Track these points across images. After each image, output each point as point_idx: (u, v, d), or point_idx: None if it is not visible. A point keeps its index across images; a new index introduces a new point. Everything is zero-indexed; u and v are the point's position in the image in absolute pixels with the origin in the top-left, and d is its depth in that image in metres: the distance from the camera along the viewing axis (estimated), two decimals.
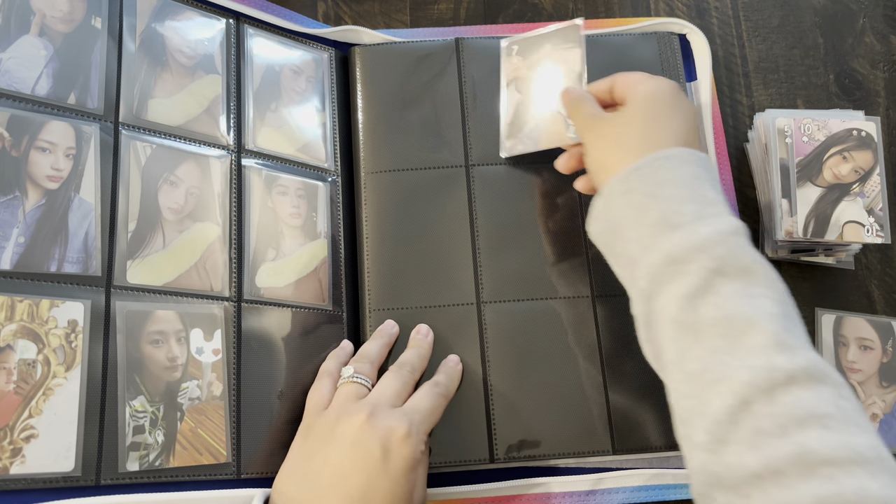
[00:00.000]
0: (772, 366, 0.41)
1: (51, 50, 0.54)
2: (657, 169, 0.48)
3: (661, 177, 0.48)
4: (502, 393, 0.57)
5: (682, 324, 0.44)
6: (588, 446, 0.56)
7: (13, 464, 0.46)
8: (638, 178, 0.49)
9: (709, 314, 0.44)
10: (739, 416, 0.41)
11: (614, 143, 0.52)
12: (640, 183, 0.48)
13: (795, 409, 0.40)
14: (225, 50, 0.62)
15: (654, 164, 0.48)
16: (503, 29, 0.71)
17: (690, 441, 0.43)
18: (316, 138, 0.64)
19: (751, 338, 0.42)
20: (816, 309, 0.65)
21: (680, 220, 0.46)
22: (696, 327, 0.44)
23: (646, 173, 0.48)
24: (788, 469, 0.38)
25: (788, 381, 0.40)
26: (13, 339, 0.48)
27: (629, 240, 0.48)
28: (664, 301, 0.46)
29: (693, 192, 0.47)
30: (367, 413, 0.49)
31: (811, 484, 0.37)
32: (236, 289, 0.56)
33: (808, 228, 0.61)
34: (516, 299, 0.60)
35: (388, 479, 0.47)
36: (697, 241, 0.45)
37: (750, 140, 0.69)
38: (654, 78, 0.55)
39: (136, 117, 0.56)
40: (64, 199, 0.52)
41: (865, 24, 0.74)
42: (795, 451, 0.38)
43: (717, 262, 0.44)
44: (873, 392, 0.63)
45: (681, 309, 0.44)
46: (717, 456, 0.41)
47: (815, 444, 0.38)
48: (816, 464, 0.38)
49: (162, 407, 0.51)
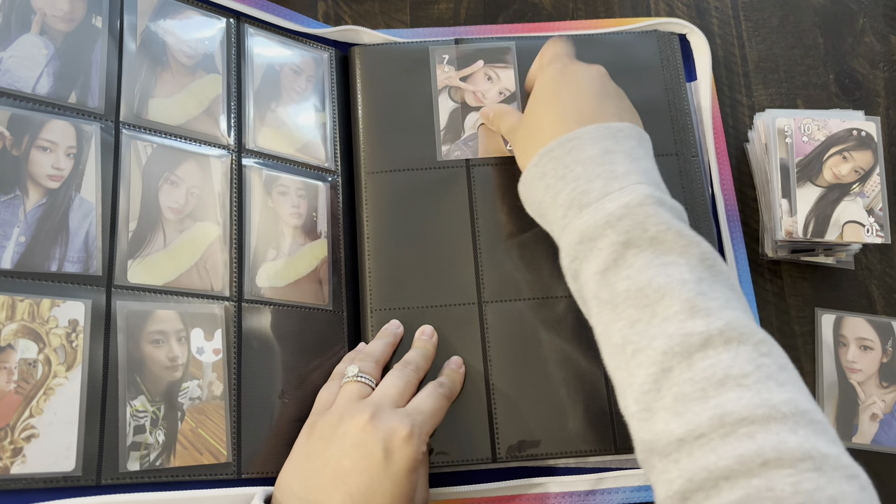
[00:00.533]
0: (686, 331, 0.42)
1: (51, 49, 0.54)
2: (569, 150, 0.49)
3: (572, 157, 0.49)
4: (504, 392, 0.57)
5: (600, 299, 0.46)
6: (590, 445, 0.56)
7: (14, 463, 0.46)
8: (550, 160, 0.50)
9: (623, 287, 0.45)
10: (661, 383, 0.42)
11: (528, 135, 0.54)
12: (552, 166, 0.49)
13: (713, 372, 0.40)
14: (225, 49, 0.62)
15: (566, 146, 0.49)
16: (503, 29, 0.71)
17: (626, 412, 0.44)
18: (316, 138, 0.64)
19: (664, 306, 0.43)
20: (816, 309, 0.65)
21: (588, 199, 0.47)
22: (613, 301, 0.45)
23: (557, 155, 0.49)
24: (710, 432, 0.39)
25: (704, 345, 0.41)
26: (14, 339, 0.48)
27: (549, 223, 0.50)
28: (584, 278, 0.47)
29: (602, 167, 0.48)
30: (370, 413, 0.49)
31: (731, 444, 0.38)
32: (237, 288, 0.56)
33: (809, 228, 0.61)
34: (518, 299, 0.60)
35: (389, 480, 0.47)
36: (604, 216, 0.46)
37: (750, 140, 0.69)
38: (550, 63, 0.57)
39: (137, 117, 0.56)
40: (65, 199, 0.52)
41: (865, 24, 0.74)
42: (715, 414, 0.39)
43: (625, 236, 0.45)
44: (873, 392, 0.63)
45: (598, 285, 0.46)
46: (648, 424, 0.42)
47: (734, 405, 0.39)
48: (735, 423, 0.38)
49: (162, 407, 0.51)
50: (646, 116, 0.65)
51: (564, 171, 0.48)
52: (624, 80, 0.66)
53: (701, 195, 0.63)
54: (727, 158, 0.68)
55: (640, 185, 0.47)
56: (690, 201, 0.63)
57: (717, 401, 0.39)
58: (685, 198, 0.63)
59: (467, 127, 0.64)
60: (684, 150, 0.64)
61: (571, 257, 0.47)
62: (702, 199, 0.63)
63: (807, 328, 0.65)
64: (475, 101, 0.65)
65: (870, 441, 0.62)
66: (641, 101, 0.66)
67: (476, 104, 0.65)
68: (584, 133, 0.49)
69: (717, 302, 0.43)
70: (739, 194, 0.68)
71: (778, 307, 0.65)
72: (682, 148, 0.64)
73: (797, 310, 0.65)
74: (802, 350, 0.64)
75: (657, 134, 0.64)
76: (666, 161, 0.63)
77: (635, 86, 0.65)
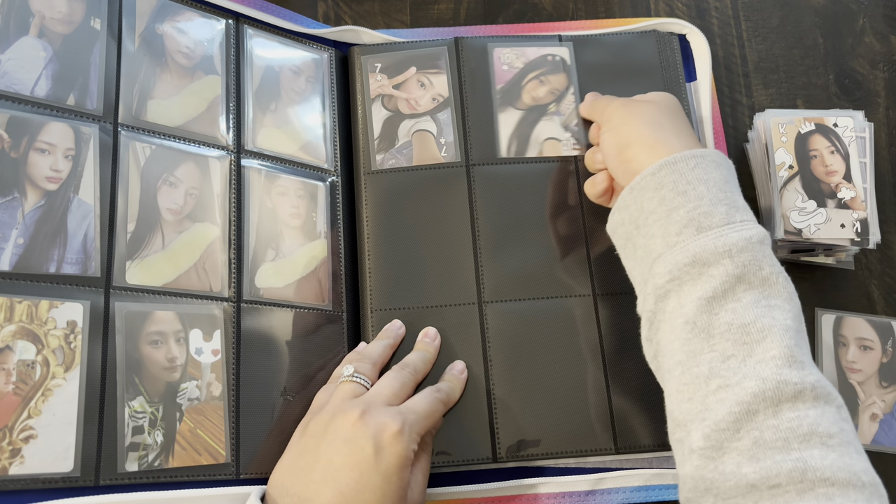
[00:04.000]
0: (782, 379, 0.41)
1: (50, 51, 0.54)
2: (693, 167, 0.48)
3: (695, 175, 0.48)
4: (504, 392, 0.57)
5: (696, 325, 0.44)
6: (590, 445, 0.56)
7: (12, 464, 0.46)
8: (671, 172, 0.49)
9: (725, 319, 0.44)
10: (742, 425, 0.41)
11: (638, 143, 0.53)
12: (672, 178, 0.48)
13: (799, 425, 0.40)
14: (224, 50, 0.62)
15: (689, 161, 0.49)
16: (503, 29, 0.71)
17: (685, 445, 0.43)
18: (316, 138, 0.64)
19: (764, 348, 0.42)
20: (816, 309, 0.65)
21: (709, 222, 0.46)
22: (710, 331, 0.44)
23: (679, 169, 0.48)
24: (787, 484, 0.38)
25: (795, 397, 0.41)
26: (12, 340, 0.48)
27: (653, 235, 0.48)
28: (681, 301, 0.46)
29: (724, 194, 0.47)
30: (361, 410, 0.49)
31: (807, 501, 0.38)
32: (235, 289, 0.56)
33: (511, 148, 0.64)
34: (518, 299, 0.60)
35: (379, 476, 0.47)
36: (724, 245, 0.45)
37: (750, 140, 0.68)
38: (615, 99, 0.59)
39: (136, 118, 0.56)
40: (63, 200, 0.52)
41: (865, 24, 0.74)
42: (797, 467, 0.38)
43: (741, 269, 0.44)
44: (873, 392, 0.63)
45: (699, 310, 0.45)
46: (714, 463, 0.41)
47: (817, 462, 0.38)
48: (816, 482, 0.38)
49: (161, 407, 0.51)
50: None
51: (687, 187, 0.48)
52: (624, 81, 0.66)
53: None
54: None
55: (756, 223, 0.47)
56: None
57: (801, 454, 0.39)
58: None
59: (401, 135, 0.64)
60: None
61: (672, 276, 0.46)
62: None
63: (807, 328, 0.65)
64: (408, 108, 0.65)
65: (870, 441, 0.61)
66: None
67: (409, 112, 0.65)
68: (709, 154, 0.49)
69: (808, 357, 0.43)
70: None
71: None
72: None
73: None
74: None
75: None
76: None
77: (635, 87, 0.65)
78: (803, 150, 0.63)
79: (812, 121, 0.64)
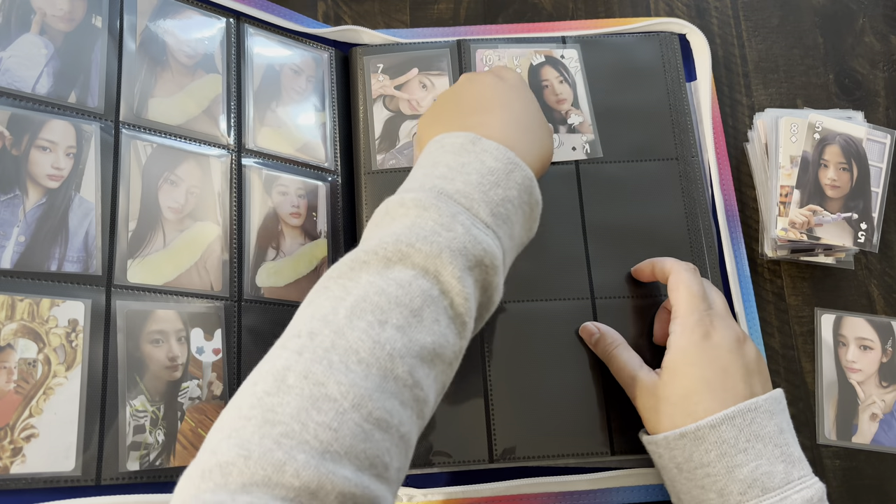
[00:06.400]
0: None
1: (51, 49, 0.54)
2: (750, 422, 0.49)
3: (752, 431, 0.49)
4: (502, 393, 0.57)
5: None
6: (586, 447, 0.56)
7: (13, 463, 0.46)
8: (730, 427, 0.49)
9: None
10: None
11: (694, 387, 0.51)
12: (732, 434, 0.49)
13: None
14: (225, 49, 0.62)
15: (747, 416, 0.49)
16: (503, 29, 0.71)
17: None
18: (316, 138, 0.64)
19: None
20: (816, 309, 0.65)
21: (772, 483, 0.48)
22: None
23: (738, 424, 0.49)
24: None
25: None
26: (13, 339, 0.48)
27: (709, 489, 0.49)
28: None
29: (779, 448, 0.49)
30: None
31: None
32: (237, 288, 0.56)
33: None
34: (516, 300, 0.59)
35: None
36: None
37: (750, 140, 0.69)
38: (690, 316, 0.53)
39: (137, 116, 0.56)
40: (64, 199, 0.52)
41: (865, 24, 0.74)
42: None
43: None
44: (873, 392, 0.63)
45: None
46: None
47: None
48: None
49: (162, 406, 0.51)
50: (647, 120, 0.65)
51: (746, 444, 0.49)
52: (626, 84, 0.66)
53: (701, 195, 0.63)
54: (727, 158, 0.68)
55: (813, 476, 0.49)
56: (690, 202, 0.63)
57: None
58: (685, 199, 0.63)
59: (402, 136, 0.64)
60: (685, 152, 0.64)
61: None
62: (702, 199, 0.63)
63: (806, 328, 0.65)
64: (410, 109, 0.65)
65: (869, 441, 0.62)
66: (643, 105, 0.66)
67: (411, 112, 0.65)
68: (762, 405, 0.50)
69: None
70: (739, 194, 0.68)
71: (778, 307, 0.65)
72: (682, 151, 0.64)
73: (797, 310, 0.65)
74: (802, 350, 0.64)
75: (658, 138, 0.65)
76: (667, 165, 0.63)
77: (637, 89, 0.65)
78: (536, 80, 0.66)
79: (542, 53, 0.67)
